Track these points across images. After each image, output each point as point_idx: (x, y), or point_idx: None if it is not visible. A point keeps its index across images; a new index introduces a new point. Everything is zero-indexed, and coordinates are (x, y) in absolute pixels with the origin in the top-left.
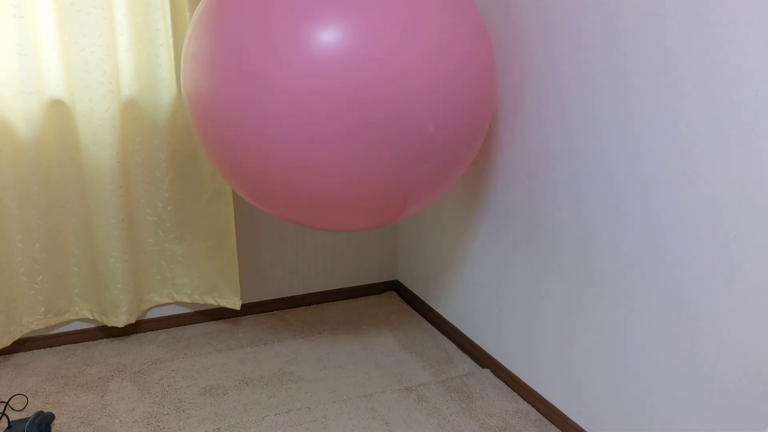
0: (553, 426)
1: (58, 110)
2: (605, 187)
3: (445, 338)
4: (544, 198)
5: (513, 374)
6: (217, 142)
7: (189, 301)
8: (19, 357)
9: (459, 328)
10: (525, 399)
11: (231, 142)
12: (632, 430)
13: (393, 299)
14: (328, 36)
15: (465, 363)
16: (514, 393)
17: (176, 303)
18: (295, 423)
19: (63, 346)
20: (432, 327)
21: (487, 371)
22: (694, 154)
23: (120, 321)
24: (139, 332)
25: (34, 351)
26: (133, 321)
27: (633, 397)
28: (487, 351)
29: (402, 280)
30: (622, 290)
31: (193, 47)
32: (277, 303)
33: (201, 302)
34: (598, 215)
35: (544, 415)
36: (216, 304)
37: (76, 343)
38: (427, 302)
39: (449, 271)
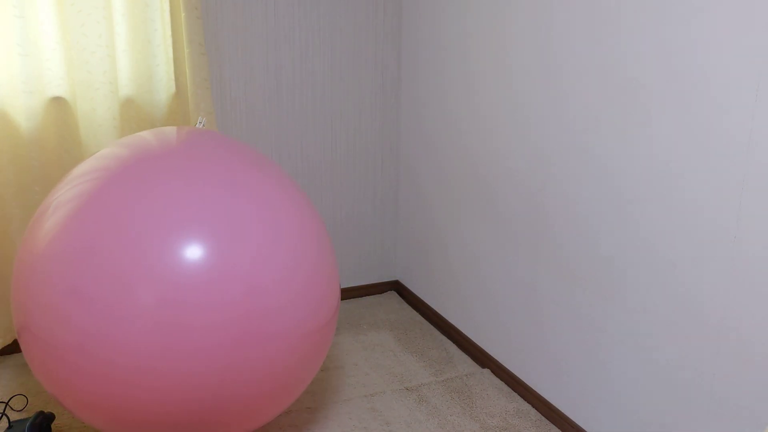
0: (553, 426)
1: (60, 110)
2: (606, 187)
3: (445, 338)
4: (544, 197)
5: (513, 374)
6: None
7: None
8: (20, 357)
9: (459, 328)
10: (525, 399)
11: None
12: (632, 430)
13: (393, 299)
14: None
15: (465, 363)
16: (515, 393)
17: None
18: (295, 423)
19: None
20: (432, 327)
21: (487, 371)
22: (695, 154)
23: None
24: None
25: None
26: None
27: (633, 397)
28: (487, 351)
29: (402, 280)
30: (621, 290)
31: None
32: None
33: None
34: (599, 215)
35: (544, 415)
36: None
37: None
38: (428, 302)
39: (450, 271)
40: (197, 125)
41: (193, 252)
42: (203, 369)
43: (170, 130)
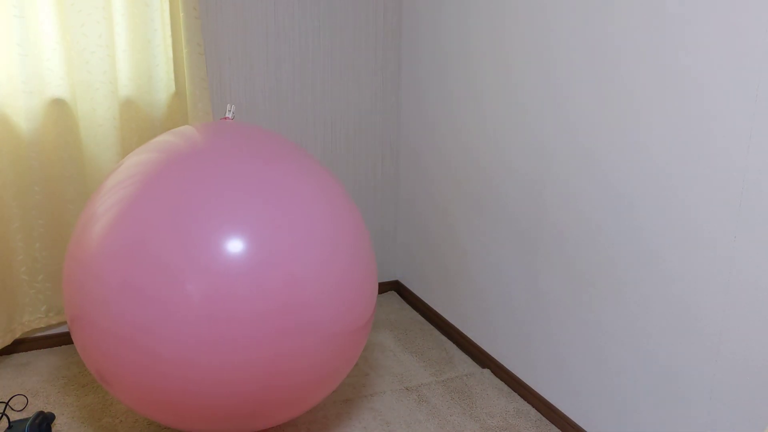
0: (553, 426)
1: (60, 110)
2: (606, 187)
3: (445, 338)
4: (544, 198)
5: (513, 374)
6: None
7: None
8: (20, 357)
9: (459, 328)
10: (525, 399)
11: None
12: (632, 429)
13: (393, 299)
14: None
15: (465, 363)
16: (514, 393)
17: None
18: (295, 423)
19: (64, 346)
20: (432, 327)
21: (487, 371)
22: (695, 155)
23: None
24: None
25: (35, 351)
26: None
27: (633, 397)
28: (487, 351)
29: (402, 280)
30: (622, 290)
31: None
32: None
33: None
34: (599, 215)
35: (544, 415)
36: None
37: None
38: (428, 302)
39: (450, 271)
40: (227, 113)
41: (236, 245)
42: (251, 358)
43: (193, 129)
